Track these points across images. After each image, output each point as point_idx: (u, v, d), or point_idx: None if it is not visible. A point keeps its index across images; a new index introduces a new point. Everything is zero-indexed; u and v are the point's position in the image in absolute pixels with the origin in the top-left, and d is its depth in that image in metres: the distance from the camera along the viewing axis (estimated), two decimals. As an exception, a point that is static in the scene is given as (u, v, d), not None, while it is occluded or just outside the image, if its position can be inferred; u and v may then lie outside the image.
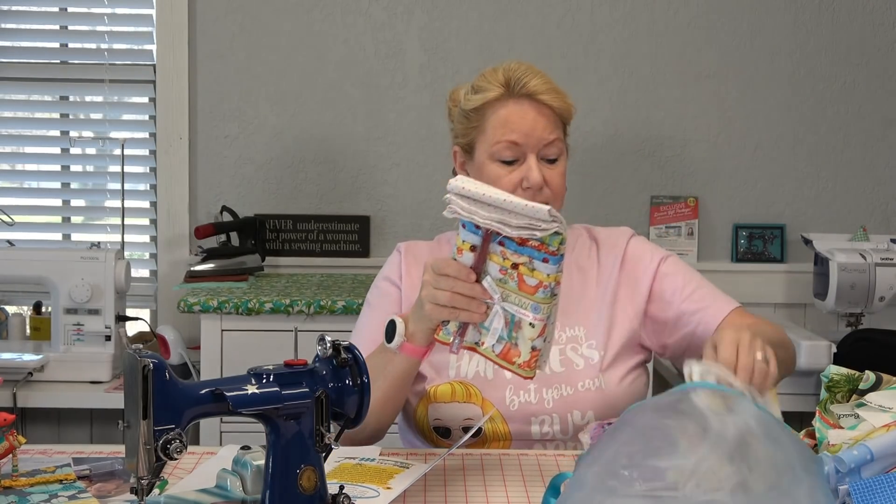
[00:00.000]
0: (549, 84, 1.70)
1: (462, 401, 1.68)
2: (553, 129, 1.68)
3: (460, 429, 1.67)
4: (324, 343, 1.23)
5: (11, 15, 3.17)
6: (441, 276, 1.44)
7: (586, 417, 1.66)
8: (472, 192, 1.39)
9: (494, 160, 1.68)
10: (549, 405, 1.66)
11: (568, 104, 1.71)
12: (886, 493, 1.06)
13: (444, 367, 1.70)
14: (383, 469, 1.45)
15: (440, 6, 3.10)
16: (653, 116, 3.11)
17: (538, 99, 1.68)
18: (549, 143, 1.67)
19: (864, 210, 3.14)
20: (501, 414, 1.67)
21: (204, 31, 3.10)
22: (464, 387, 1.68)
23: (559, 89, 1.71)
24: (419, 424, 1.71)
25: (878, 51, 3.13)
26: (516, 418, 1.67)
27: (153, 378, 1.11)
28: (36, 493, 1.36)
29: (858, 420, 1.28)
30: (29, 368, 2.63)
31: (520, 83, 1.68)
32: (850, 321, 2.83)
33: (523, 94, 1.68)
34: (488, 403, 1.67)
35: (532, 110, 1.67)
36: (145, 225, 3.22)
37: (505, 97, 1.68)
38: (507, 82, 1.69)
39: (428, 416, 1.69)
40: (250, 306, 2.56)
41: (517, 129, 1.66)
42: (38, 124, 3.28)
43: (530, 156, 1.66)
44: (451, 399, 1.68)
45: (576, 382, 1.67)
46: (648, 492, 1.05)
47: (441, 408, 1.68)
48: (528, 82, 1.68)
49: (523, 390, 1.67)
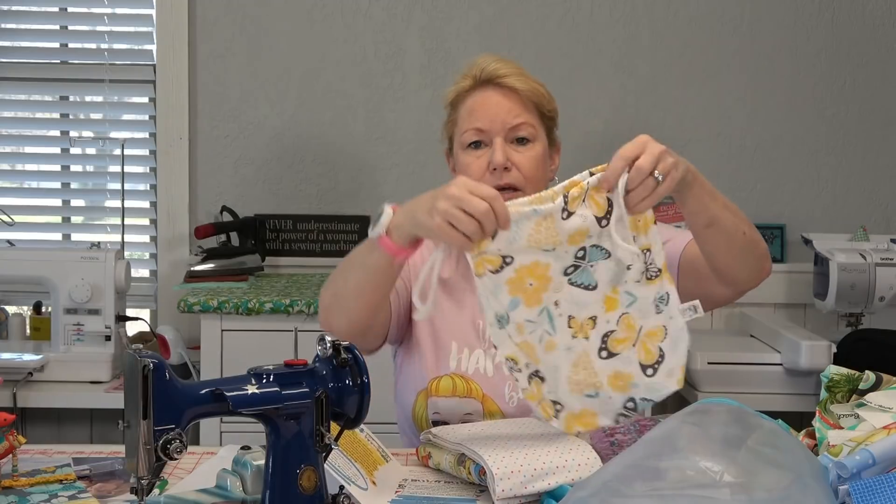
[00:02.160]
0: (514, 69, 1.71)
1: (463, 395, 1.68)
2: (520, 112, 1.69)
3: (459, 424, 1.67)
4: (324, 343, 1.23)
5: (11, 15, 3.17)
6: (467, 195, 1.32)
7: None
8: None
9: (464, 148, 1.71)
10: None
11: (534, 86, 1.71)
12: (886, 493, 1.06)
13: (444, 358, 1.70)
14: (370, 451, 1.45)
15: (440, 6, 3.10)
16: (653, 116, 3.11)
17: (502, 83, 1.69)
18: (517, 126, 1.68)
19: (864, 210, 3.14)
20: (501, 410, 1.67)
21: (204, 31, 3.10)
22: (465, 381, 1.69)
23: (527, 74, 1.72)
24: (417, 418, 1.71)
25: (878, 51, 3.13)
26: (515, 414, 1.67)
27: (153, 378, 1.11)
28: (36, 493, 1.36)
29: (858, 420, 1.28)
30: (29, 368, 2.63)
31: (484, 70, 1.70)
32: (850, 321, 2.83)
33: (487, 80, 1.70)
34: (489, 399, 1.68)
35: (496, 94, 1.69)
36: (145, 225, 3.22)
37: (473, 87, 1.72)
38: (475, 72, 1.71)
39: (427, 410, 1.70)
40: (250, 306, 2.56)
41: (482, 115, 1.68)
42: (38, 124, 3.28)
43: (496, 139, 1.67)
44: (451, 393, 1.68)
45: None
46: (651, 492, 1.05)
47: (441, 402, 1.69)
48: (490, 67, 1.70)
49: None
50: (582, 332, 1.39)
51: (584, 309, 1.38)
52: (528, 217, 1.33)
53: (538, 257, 1.35)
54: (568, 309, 1.38)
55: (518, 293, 1.37)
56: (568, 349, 1.40)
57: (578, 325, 1.39)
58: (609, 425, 1.43)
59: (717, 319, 3.13)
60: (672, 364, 1.38)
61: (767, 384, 2.59)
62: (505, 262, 1.35)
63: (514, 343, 1.39)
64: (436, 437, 1.47)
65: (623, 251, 1.34)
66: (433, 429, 1.50)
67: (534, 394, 1.41)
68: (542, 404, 1.41)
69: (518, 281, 1.36)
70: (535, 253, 1.35)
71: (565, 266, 1.36)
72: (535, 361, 1.40)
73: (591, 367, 1.40)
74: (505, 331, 1.38)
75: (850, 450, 1.18)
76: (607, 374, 1.40)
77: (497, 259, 1.35)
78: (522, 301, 1.37)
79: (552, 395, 1.41)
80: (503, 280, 1.36)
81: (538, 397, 1.41)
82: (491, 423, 1.54)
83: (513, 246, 1.34)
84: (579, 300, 1.38)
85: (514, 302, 1.37)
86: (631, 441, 1.43)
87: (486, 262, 1.35)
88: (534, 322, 1.38)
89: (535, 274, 1.36)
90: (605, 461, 1.37)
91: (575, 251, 1.35)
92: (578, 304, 1.38)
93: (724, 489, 1.04)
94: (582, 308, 1.38)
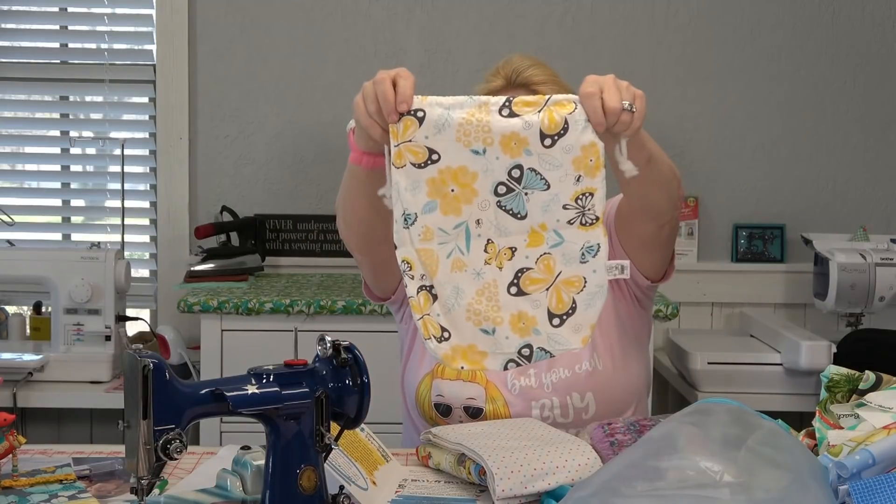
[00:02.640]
0: (548, 75, 1.72)
1: (467, 379, 1.69)
2: None
3: (461, 408, 1.68)
4: (324, 343, 1.23)
5: (11, 15, 3.17)
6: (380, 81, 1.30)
7: (585, 400, 1.67)
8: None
9: None
10: (549, 389, 1.67)
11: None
12: (886, 493, 1.06)
13: None
14: (370, 451, 1.45)
15: (440, 6, 3.10)
16: (653, 116, 3.08)
17: (535, 89, 1.69)
18: None
19: (864, 210, 3.14)
20: (503, 396, 1.68)
21: (204, 31, 3.10)
22: None
23: (559, 80, 1.73)
24: (420, 400, 1.71)
25: (878, 51, 3.13)
26: (517, 402, 1.68)
27: (153, 378, 1.11)
28: (36, 493, 1.36)
29: (858, 420, 1.27)
30: (29, 368, 2.63)
31: (518, 73, 1.70)
32: (850, 321, 2.83)
33: (520, 84, 1.71)
34: (492, 385, 1.68)
35: None
36: (145, 225, 3.22)
37: (505, 88, 1.72)
38: (508, 73, 1.72)
39: (431, 392, 1.70)
40: (250, 306, 2.56)
41: None
42: (38, 124, 3.28)
43: None
44: (456, 377, 1.69)
45: (573, 365, 1.68)
46: (651, 491, 1.05)
47: (445, 384, 1.69)
48: (526, 72, 1.70)
49: (524, 375, 1.68)
50: (497, 261, 1.31)
51: (505, 237, 1.31)
52: (461, 104, 1.27)
53: (467, 162, 1.28)
54: (488, 232, 1.31)
55: (437, 196, 1.29)
56: (477, 274, 1.31)
57: (495, 252, 1.31)
58: (494, 370, 1.34)
59: (717, 319, 3.13)
60: (581, 320, 1.30)
61: (767, 384, 2.59)
62: (431, 160, 1.28)
63: (413, 247, 1.30)
64: (436, 437, 1.47)
65: (565, 188, 1.27)
66: (433, 429, 1.50)
67: (419, 306, 1.30)
68: (424, 319, 1.31)
69: (440, 183, 1.29)
70: (465, 154, 1.27)
71: (496, 182, 1.29)
72: (431, 275, 1.30)
73: (497, 299, 1.31)
74: (408, 231, 1.30)
75: (850, 450, 1.18)
76: (511, 312, 1.31)
77: (422, 151, 1.28)
78: (440, 206, 1.29)
79: (442, 318, 1.31)
80: (424, 178, 1.28)
81: (422, 311, 1.31)
82: (491, 423, 1.55)
83: (441, 136, 1.27)
84: (503, 226, 1.31)
85: (430, 205, 1.29)
86: (631, 441, 1.43)
87: (409, 153, 1.28)
88: (447, 234, 1.30)
89: (459, 181, 1.28)
90: (605, 461, 1.37)
91: (508, 166, 1.28)
92: (501, 231, 1.31)
93: (724, 489, 1.04)
94: (504, 235, 1.31)
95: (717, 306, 3.13)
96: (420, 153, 1.28)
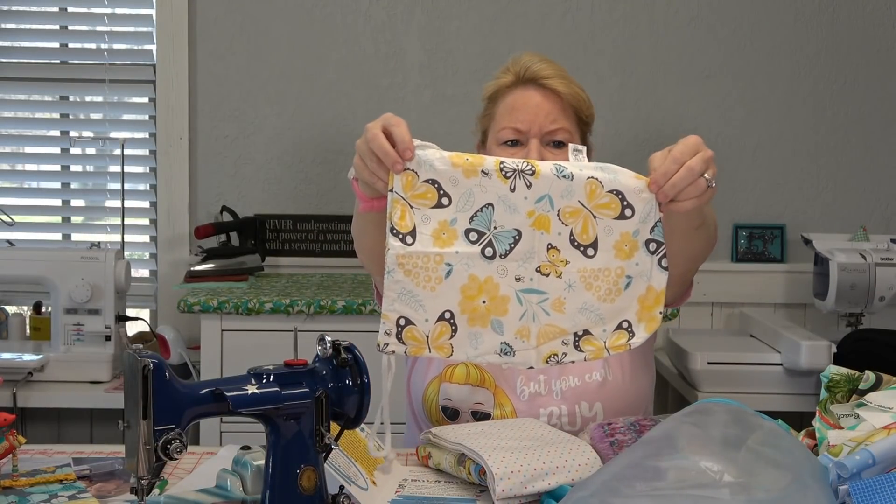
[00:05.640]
0: (557, 71, 1.72)
1: (476, 384, 1.69)
2: (558, 117, 1.69)
3: (469, 412, 1.68)
4: (324, 343, 1.23)
5: (11, 15, 3.17)
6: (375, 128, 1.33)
7: (594, 409, 1.67)
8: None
9: (499, 144, 1.71)
10: (558, 397, 1.67)
11: (576, 90, 1.72)
12: (886, 493, 1.06)
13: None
14: (368, 449, 1.45)
15: (440, 6, 3.10)
16: (653, 116, 3.11)
17: (544, 84, 1.70)
18: (554, 131, 1.69)
19: (864, 210, 3.14)
20: (512, 403, 1.67)
21: (204, 31, 3.10)
22: (479, 370, 1.69)
23: (569, 77, 1.73)
24: (428, 403, 1.71)
25: (878, 51, 3.13)
26: (526, 408, 1.67)
27: (153, 378, 1.11)
28: (36, 493, 1.36)
29: (858, 420, 1.27)
30: (29, 368, 2.63)
31: (529, 70, 1.71)
32: (850, 321, 2.83)
33: (530, 80, 1.71)
34: (500, 391, 1.68)
35: (538, 95, 1.70)
36: (145, 225, 3.22)
37: (514, 84, 1.72)
38: (517, 70, 1.72)
39: (438, 395, 1.70)
40: (250, 306, 2.56)
41: (521, 115, 1.69)
42: (38, 124, 3.28)
43: (532, 140, 1.68)
44: (465, 381, 1.69)
45: (583, 374, 1.67)
46: (651, 491, 1.05)
47: (453, 388, 1.69)
48: (535, 67, 1.71)
49: (534, 381, 1.68)
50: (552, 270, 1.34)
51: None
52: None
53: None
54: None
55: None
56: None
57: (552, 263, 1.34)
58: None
59: (717, 319, 3.13)
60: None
61: (767, 384, 2.59)
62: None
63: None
64: (436, 437, 1.47)
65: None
66: (433, 429, 1.50)
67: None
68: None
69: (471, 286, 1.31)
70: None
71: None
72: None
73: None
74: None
75: (850, 450, 1.18)
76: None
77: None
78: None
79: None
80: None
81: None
82: (491, 423, 1.54)
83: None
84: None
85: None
86: (631, 441, 1.43)
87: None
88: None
89: (489, 293, 1.32)
90: (605, 461, 1.37)
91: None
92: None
93: (724, 489, 1.04)
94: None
95: (717, 306, 3.13)
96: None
